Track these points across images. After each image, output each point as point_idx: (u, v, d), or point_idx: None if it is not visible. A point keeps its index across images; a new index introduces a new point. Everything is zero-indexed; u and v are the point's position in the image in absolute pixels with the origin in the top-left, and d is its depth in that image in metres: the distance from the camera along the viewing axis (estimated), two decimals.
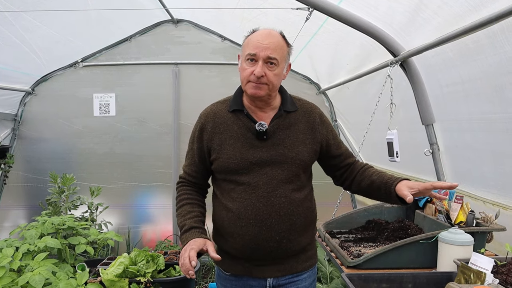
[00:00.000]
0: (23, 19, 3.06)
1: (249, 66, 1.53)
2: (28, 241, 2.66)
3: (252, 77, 1.52)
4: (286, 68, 1.62)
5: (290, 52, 1.63)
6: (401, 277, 1.62)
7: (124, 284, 2.71)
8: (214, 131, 1.64)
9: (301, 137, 1.64)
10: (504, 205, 1.95)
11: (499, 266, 1.58)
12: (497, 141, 1.89)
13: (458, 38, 1.75)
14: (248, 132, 1.61)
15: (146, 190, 4.40)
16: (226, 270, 1.71)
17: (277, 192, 1.57)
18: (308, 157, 1.63)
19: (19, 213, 4.33)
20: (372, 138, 2.74)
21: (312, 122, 1.67)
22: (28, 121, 4.28)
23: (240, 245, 1.60)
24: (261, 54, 1.50)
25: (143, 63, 4.34)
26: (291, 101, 1.69)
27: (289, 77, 3.86)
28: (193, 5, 3.81)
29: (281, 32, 1.60)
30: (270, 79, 1.53)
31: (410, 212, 2.42)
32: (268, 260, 1.62)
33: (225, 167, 1.61)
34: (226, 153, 1.60)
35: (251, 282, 1.66)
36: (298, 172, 1.62)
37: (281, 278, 1.66)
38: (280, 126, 1.62)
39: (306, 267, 1.71)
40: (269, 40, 1.52)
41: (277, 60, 1.52)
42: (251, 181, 1.57)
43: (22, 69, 3.89)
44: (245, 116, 1.63)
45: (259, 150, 1.59)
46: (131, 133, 4.37)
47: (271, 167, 1.58)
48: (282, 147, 1.60)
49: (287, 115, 1.65)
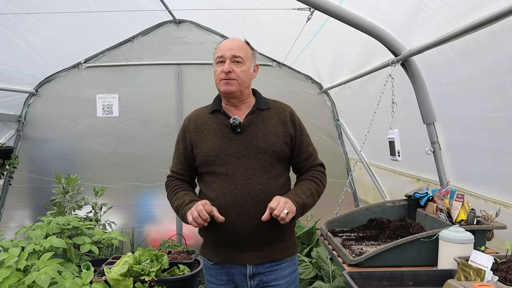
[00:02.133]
0: (26, 21, 3.08)
1: (219, 67, 1.78)
2: (34, 241, 2.69)
3: (222, 75, 1.76)
4: (253, 68, 1.86)
5: (255, 55, 1.88)
6: (401, 275, 1.63)
7: (128, 283, 2.74)
8: (196, 130, 1.86)
9: (273, 130, 1.82)
10: (505, 203, 1.96)
11: (499, 263, 1.59)
12: (498, 139, 1.90)
13: (459, 37, 1.76)
14: (224, 128, 1.81)
15: (149, 190, 4.42)
16: (210, 259, 1.88)
17: (253, 180, 1.74)
18: (280, 148, 1.80)
19: (24, 213, 4.36)
20: (374, 137, 2.75)
21: (283, 118, 1.86)
22: (32, 122, 4.31)
23: (221, 231, 1.76)
24: (227, 54, 1.77)
25: (145, 64, 4.36)
26: (265, 101, 1.91)
27: (291, 77, 3.94)
28: (195, 6, 3.82)
29: (245, 39, 1.88)
30: (238, 74, 1.76)
31: (411, 211, 2.43)
32: (247, 246, 1.78)
33: (205, 160, 1.80)
34: (206, 147, 1.80)
35: (233, 270, 1.83)
36: (272, 161, 1.79)
37: (260, 266, 1.81)
38: (253, 121, 1.82)
39: (284, 256, 1.86)
40: (233, 43, 1.81)
41: (241, 58, 1.78)
42: (228, 171, 1.76)
43: (26, 71, 3.91)
44: (222, 114, 1.84)
45: (234, 142, 1.78)
46: (134, 133, 4.39)
47: (246, 157, 1.76)
48: (256, 139, 1.79)
49: (260, 112, 1.86)
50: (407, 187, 2.97)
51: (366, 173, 3.84)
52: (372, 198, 3.87)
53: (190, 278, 3.05)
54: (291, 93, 4.31)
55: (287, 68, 4.38)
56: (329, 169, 2.07)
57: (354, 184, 4.37)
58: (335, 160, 4.42)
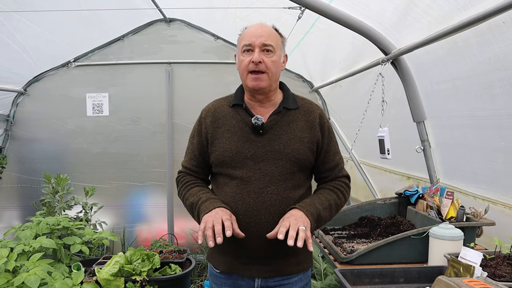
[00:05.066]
0: (14, 19, 3.04)
1: (246, 57, 1.56)
2: (23, 241, 2.65)
3: (251, 66, 1.54)
4: (283, 58, 1.64)
5: (285, 43, 1.66)
6: (392, 272, 1.65)
7: (119, 283, 2.72)
8: (213, 124, 1.65)
9: (299, 135, 1.61)
10: (493, 200, 1.99)
11: (488, 259, 1.61)
12: (487, 137, 1.93)
13: (448, 36, 1.78)
14: (245, 126, 1.61)
15: (140, 190, 4.39)
16: (216, 267, 1.70)
17: (269, 189, 1.55)
18: (304, 156, 1.60)
19: (13, 214, 4.31)
20: (365, 136, 2.77)
21: (312, 121, 1.64)
22: (21, 122, 4.26)
23: (229, 240, 1.49)
24: (256, 42, 1.54)
25: (136, 63, 4.34)
26: (293, 99, 1.68)
27: (282, 76, 3.90)
28: (186, 5, 3.81)
29: (273, 25, 1.65)
30: (269, 65, 1.54)
31: (402, 208, 2.45)
32: (255, 259, 1.60)
33: (220, 160, 1.61)
34: (222, 146, 1.60)
35: (240, 281, 1.64)
36: (293, 170, 1.58)
37: (269, 280, 1.62)
38: (278, 122, 1.61)
39: (296, 271, 1.65)
40: (262, 29, 1.57)
41: (272, 46, 1.55)
42: (244, 176, 1.57)
43: (14, 69, 3.86)
44: (244, 110, 1.63)
45: (254, 144, 1.58)
46: (124, 132, 4.36)
47: (265, 162, 1.57)
48: (278, 143, 1.58)
49: (286, 112, 1.64)
50: (397, 185, 3.00)
51: (357, 171, 3.86)
52: (363, 196, 3.90)
53: (182, 277, 3.04)
54: None
55: None
56: None
57: None
58: None
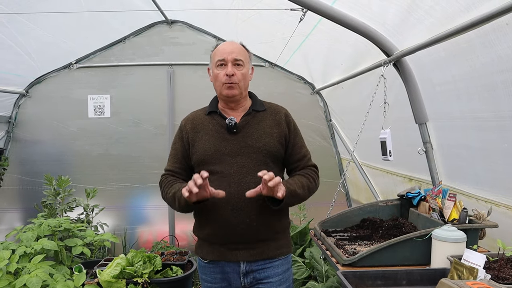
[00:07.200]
0: (16, 22, 3.05)
1: (220, 70, 1.83)
2: (25, 243, 2.66)
3: (225, 78, 1.80)
4: (250, 70, 1.92)
5: (251, 58, 1.94)
6: (395, 274, 1.64)
7: (121, 285, 2.72)
8: (193, 130, 1.91)
9: (268, 131, 1.86)
10: (496, 202, 1.98)
11: (491, 262, 1.60)
12: (489, 139, 1.92)
13: (450, 38, 1.78)
14: (221, 128, 1.86)
15: (142, 191, 4.39)
16: (204, 257, 1.91)
17: (247, 179, 1.78)
18: (275, 148, 1.85)
19: (14, 215, 4.31)
20: (367, 137, 2.76)
21: (278, 119, 1.91)
22: (23, 123, 4.26)
23: (215, 228, 1.81)
24: (228, 57, 1.81)
25: (137, 64, 4.34)
26: (260, 103, 1.96)
27: (284, 77, 3.93)
28: (187, 6, 3.81)
29: (240, 42, 1.93)
30: (239, 78, 1.82)
31: (404, 210, 2.44)
32: (240, 244, 1.82)
33: (201, 159, 1.84)
34: (202, 146, 1.85)
35: (227, 268, 1.86)
36: (266, 161, 1.82)
37: (253, 264, 1.84)
38: (249, 122, 1.87)
39: (277, 254, 1.88)
40: (233, 46, 1.86)
41: (242, 61, 1.83)
42: (224, 170, 1.79)
43: (16, 71, 3.87)
44: (218, 116, 1.89)
45: (230, 142, 1.83)
46: (126, 134, 4.36)
47: (241, 156, 1.81)
48: (251, 139, 1.83)
49: (256, 114, 1.90)
50: (399, 187, 2.99)
51: (359, 173, 3.86)
52: (365, 198, 3.89)
53: (183, 279, 3.04)
54: (284, 93, 4.31)
55: (279, 69, 4.38)
56: (322, 169, 2.08)
57: (347, 184, 4.39)
58: (328, 160, 4.43)
